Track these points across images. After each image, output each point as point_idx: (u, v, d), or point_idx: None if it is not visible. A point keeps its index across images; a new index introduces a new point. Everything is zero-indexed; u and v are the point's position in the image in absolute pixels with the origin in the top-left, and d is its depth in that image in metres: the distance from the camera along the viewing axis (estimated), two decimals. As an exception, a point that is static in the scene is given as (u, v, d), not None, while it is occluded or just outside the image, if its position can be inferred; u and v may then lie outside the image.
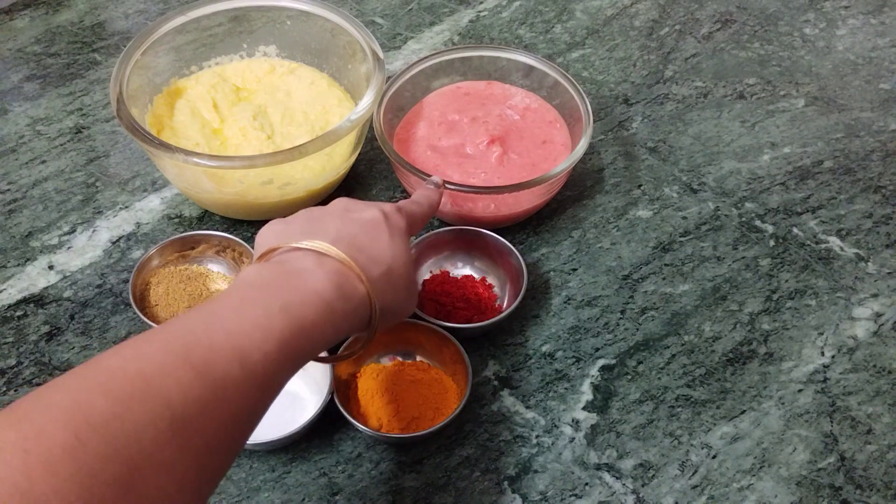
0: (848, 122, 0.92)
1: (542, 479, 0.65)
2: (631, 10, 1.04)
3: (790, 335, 0.74)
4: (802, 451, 0.67)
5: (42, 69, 0.96)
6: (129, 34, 1.00)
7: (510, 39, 1.00)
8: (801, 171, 0.87)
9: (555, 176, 0.75)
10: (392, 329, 0.70)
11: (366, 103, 0.75)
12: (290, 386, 0.68)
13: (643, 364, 0.72)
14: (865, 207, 0.84)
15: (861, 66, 0.98)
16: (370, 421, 0.66)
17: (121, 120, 0.73)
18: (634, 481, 0.66)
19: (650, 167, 0.87)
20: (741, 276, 0.78)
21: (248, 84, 0.87)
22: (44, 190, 0.84)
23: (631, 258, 0.79)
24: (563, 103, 0.84)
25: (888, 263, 0.79)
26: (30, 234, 0.80)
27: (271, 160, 0.72)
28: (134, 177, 0.85)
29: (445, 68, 0.86)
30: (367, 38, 0.81)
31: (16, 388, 0.70)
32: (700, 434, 0.68)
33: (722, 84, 0.95)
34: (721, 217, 0.83)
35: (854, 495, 0.65)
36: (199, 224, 0.82)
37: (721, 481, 0.66)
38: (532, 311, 0.75)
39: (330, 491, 0.65)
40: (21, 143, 0.88)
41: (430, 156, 0.80)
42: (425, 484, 0.65)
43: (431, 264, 0.77)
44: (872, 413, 0.69)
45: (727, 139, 0.90)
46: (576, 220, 0.82)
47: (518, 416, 0.69)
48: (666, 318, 0.75)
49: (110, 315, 0.75)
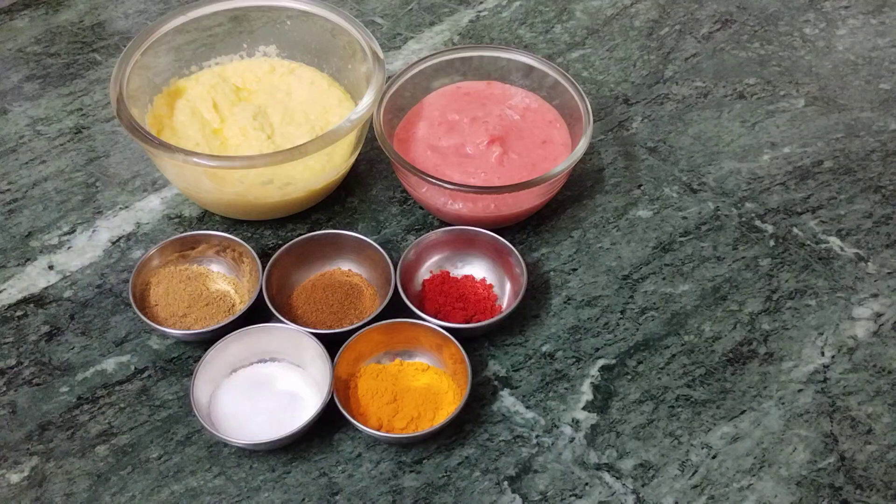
0: (848, 122, 0.92)
1: (542, 479, 0.65)
2: (631, 10, 1.04)
3: (790, 335, 0.74)
4: (802, 451, 0.67)
5: (42, 69, 0.96)
6: (129, 34, 1.00)
7: (510, 39, 1.00)
8: (801, 171, 0.87)
9: (555, 176, 0.75)
10: (392, 329, 0.70)
11: (366, 103, 0.75)
12: (290, 386, 0.69)
13: (643, 364, 0.72)
14: (865, 207, 0.84)
15: (861, 66, 0.98)
16: (370, 421, 0.66)
17: (121, 120, 0.73)
18: (634, 481, 0.66)
19: (650, 167, 0.87)
20: (741, 276, 0.78)
21: (248, 84, 0.87)
22: (44, 190, 0.84)
23: (631, 258, 0.79)
24: (563, 103, 0.84)
25: (888, 263, 0.79)
26: (30, 234, 0.80)
27: (271, 160, 0.72)
28: (134, 177, 0.85)
29: (445, 68, 0.86)
30: (367, 38, 0.81)
31: (16, 388, 0.70)
32: (700, 434, 0.68)
33: (722, 84, 0.95)
34: (721, 217, 0.83)
35: (854, 495, 0.65)
36: (199, 224, 0.82)
37: (721, 481, 0.66)
38: (532, 311, 0.75)
39: (330, 491, 0.65)
40: (21, 143, 0.88)
41: (430, 156, 0.80)
42: (425, 484, 0.65)
43: (431, 264, 0.77)
44: (872, 413, 0.69)
45: (727, 139, 0.90)
46: (576, 220, 0.82)
47: (518, 416, 0.69)
48: (666, 318, 0.75)
49: (110, 315, 0.75)
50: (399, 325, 0.70)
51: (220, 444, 0.67)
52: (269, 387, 0.69)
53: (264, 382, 0.69)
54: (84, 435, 0.67)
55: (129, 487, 0.65)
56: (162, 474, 0.65)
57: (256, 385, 0.69)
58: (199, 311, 0.72)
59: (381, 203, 0.84)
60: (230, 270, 0.76)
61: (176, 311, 0.72)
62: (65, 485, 0.65)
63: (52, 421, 0.68)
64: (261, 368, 0.70)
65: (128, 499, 0.64)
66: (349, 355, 0.68)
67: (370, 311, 0.72)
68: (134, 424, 0.68)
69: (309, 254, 0.76)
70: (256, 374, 0.69)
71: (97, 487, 0.65)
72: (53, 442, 0.67)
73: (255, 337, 0.69)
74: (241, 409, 0.67)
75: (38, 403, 0.69)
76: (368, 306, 0.73)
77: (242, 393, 0.68)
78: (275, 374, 0.70)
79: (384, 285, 0.73)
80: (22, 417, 0.68)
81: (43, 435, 0.67)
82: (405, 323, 0.70)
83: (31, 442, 0.67)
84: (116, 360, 0.72)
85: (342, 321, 0.72)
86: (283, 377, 0.69)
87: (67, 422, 0.68)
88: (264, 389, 0.68)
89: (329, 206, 0.83)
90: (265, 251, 0.79)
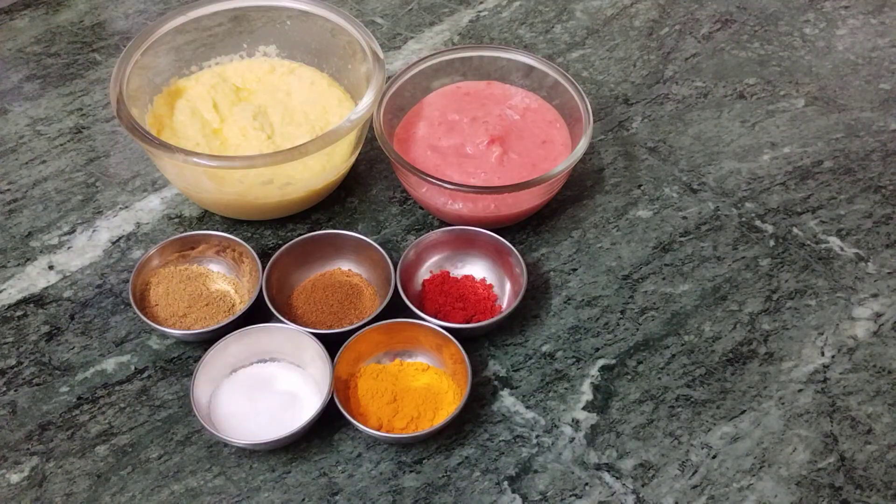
0: (848, 122, 0.92)
1: (542, 479, 0.65)
2: (631, 10, 1.04)
3: (790, 335, 0.74)
4: (802, 451, 0.67)
5: (42, 69, 0.96)
6: (129, 34, 1.00)
7: (510, 39, 1.00)
8: (801, 171, 0.87)
9: (555, 176, 0.75)
10: (392, 329, 0.70)
11: (366, 103, 0.75)
12: (290, 386, 0.69)
13: (643, 364, 0.72)
14: (865, 207, 0.84)
15: (861, 66, 0.98)
16: (370, 421, 0.66)
17: (121, 120, 0.73)
18: (634, 481, 0.66)
19: (650, 167, 0.87)
20: (741, 276, 0.78)
21: (248, 84, 0.87)
22: (44, 190, 0.84)
23: (631, 258, 0.79)
24: (563, 103, 0.84)
25: (888, 263, 0.79)
26: (30, 234, 0.80)
27: (271, 160, 0.72)
28: (134, 177, 0.85)
29: (445, 68, 0.86)
30: (367, 38, 0.81)
31: (16, 388, 0.70)
32: (700, 434, 0.68)
33: (722, 84, 0.95)
34: (721, 217, 0.83)
35: (854, 495, 0.65)
36: (199, 224, 0.82)
37: (721, 481, 0.66)
38: (532, 311, 0.75)
39: (330, 491, 0.65)
40: (21, 143, 0.88)
41: (430, 156, 0.80)
42: (425, 484, 0.65)
43: (431, 264, 0.77)
44: (872, 413, 0.69)
45: (727, 139, 0.90)
46: (576, 220, 0.82)
47: (518, 416, 0.69)
48: (666, 318, 0.75)
49: (110, 315, 0.75)
50: (399, 325, 0.70)
51: (220, 444, 0.67)
52: (269, 387, 0.69)
53: (264, 382, 0.69)
54: (84, 435, 0.67)
55: (129, 487, 0.65)
56: (162, 474, 0.65)
57: (256, 385, 0.69)
58: (199, 311, 0.72)
59: (381, 203, 0.84)
60: (230, 270, 0.76)
61: (176, 311, 0.72)
62: (65, 485, 0.65)
63: (52, 421, 0.68)
64: (261, 368, 0.70)
65: (128, 499, 0.64)
66: (349, 355, 0.68)
67: (370, 311, 0.72)
68: (134, 424, 0.68)
69: (309, 254, 0.76)
70: (256, 374, 0.69)
71: (97, 487, 0.65)
72: (53, 442, 0.67)
73: (255, 337, 0.69)
74: (241, 409, 0.67)
75: (38, 403, 0.69)
76: (368, 306, 0.73)
77: (242, 393, 0.68)
78: (275, 374, 0.70)
79: (384, 285, 0.73)
80: (22, 417, 0.68)
81: (43, 435, 0.67)
82: (405, 323, 0.70)
83: (31, 442, 0.67)
84: (116, 360, 0.72)
85: (342, 321, 0.72)
86: (283, 377, 0.69)
87: (67, 422, 0.68)
88: (264, 389, 0.68)
89: (329, 206, 0.83)
90: (265, 251, 0.79)
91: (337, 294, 0.73)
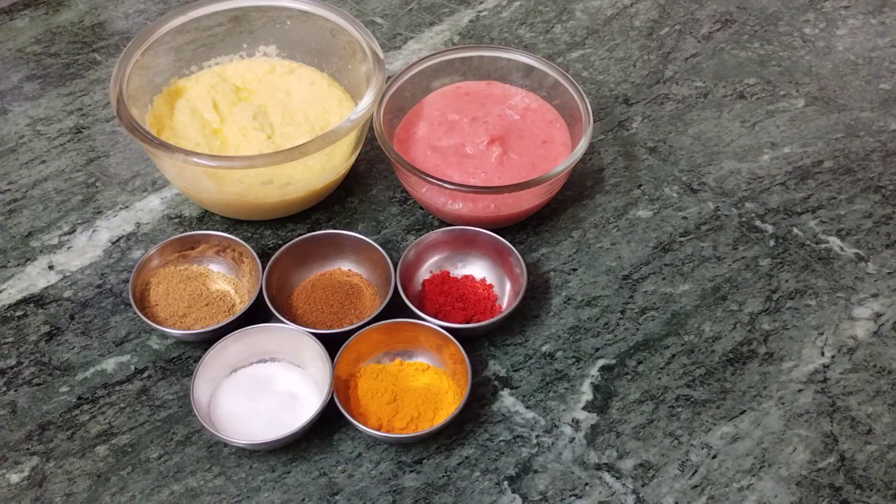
0: (848, 122, 0.92)
1: (542, 479, 0.65)
2: (631, 10, 1.04)
3: (790, 335, 0.74)
4: (802, 451, 0.67)
5: (42, 69, 0.96)
6: (129, 34, 1.00)
7: (510, 39, 1.00)
8: (801, 171, 0.87)
9: (555, 176, 0.75)
10: (392, 329, 0.70)
11: (366, 103, 0.75)
12: (290, 386, 0.69)
13: (643, 364, 0.72)
14: (865, 207, 0.84)
15: (861, 66, 0.98)
16: (370, 421, 0.66)
17: (121, 120, 0.73)
18: (634, 481, 0.66)
19: (650, 167, 0.87)
20: (741, 276, 0.78)
21: (248, 84, 0.87)
22: (44, 190, 0.84)
23: (631, 258, 0.79)
24: (563, 103, 0.84)
25: (888, 263, 0.79)
26: (30, 234, 0.80)
27: (271, 160, 0.72)
28: (134, 177, 0.85)
29: (445, 68, 0.86)
30: (367, 38, 0.81)
31: (16, 388, 0.70)
32: (700, 434, 0.68)
33: (722, 84, 0.95)
34: (721, 217, 0.83)
35: (854, 495, 0.65)
36: (199, 224, 0.82)
37: (721, 481, 0.66)
38: (532, 311, 0.75)
39: (330, 491, 0.65)
40: (21, 143, 0.88)
41: (430, 156, 0.80)
42: (425, 484, 0.65)
43: (431, 264, 0.77)
44: (872, 413, 0.69)
45: (727, 139, 0.90)
46: (576, 220, 0.82)
47: (518, 416, 0.69)
48: (666, 318, 0.75)
49: (110, 315, 0.75)
50: (399, 325, 0.70)
51: (220, 444, 0.67)
52: (269, 387, 0.69)
53: (264, 382, 0.69)
54: (84, 435, 0.67)
55: (129, 487, 0.65)
56: (162, 474, 0.65)
57: (256, 385, 0.69)
58: (199, 311, 0.72)
59: (381, 203, 0.84)
60: (230, 270, 0.76)
61: (176, 311, 0.72)
62: (65, 485, 0.65)
63: (52, 421, 0.68)
64: (261, 368, 0.70)
65: (128, 499, 0.64)
66: (349, 355, 0.68)
67: (370, 311, 0.72)
68: (134, 424, 0.68)
69: (309, 254, 0.76)
70: (256, 374, 0.69)
71: (97, 487, 0.65)
72: (53, 442, 0.67)
73: (254, 337, 0.69)
74: (241, 409, 0.67)
75: (38, 403, 0.69)
76: (368, 306, 0.73)
77: (242, 393, 0.68)
78: (275, 374, 0.70)
79: (384, 285, 0.73)
80: (22, 417, 0.68)
81: (43, 435, 0.67)
82: (405, 323, 0.70)
83: (31, 442, 0.67)
84: (116, 360, 0.72)
85: (342, 321, 0.72)
86: (283, 377, 0.69)
87: (67, 422, 0.68)
88: (264, 389, 0.68)
89: (329, 206, 0.83)
90: (265, 251, 0.79)
91: (337, 294, 0.73)
